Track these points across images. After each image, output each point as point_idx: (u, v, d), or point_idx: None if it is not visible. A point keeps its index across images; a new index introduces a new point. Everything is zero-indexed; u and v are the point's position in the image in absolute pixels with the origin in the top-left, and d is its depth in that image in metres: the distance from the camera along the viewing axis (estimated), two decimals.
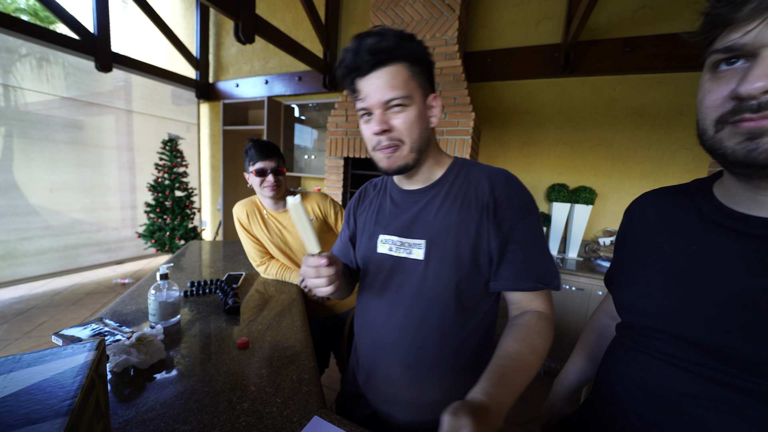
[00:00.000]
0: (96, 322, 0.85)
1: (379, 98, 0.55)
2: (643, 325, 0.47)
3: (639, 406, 0.45)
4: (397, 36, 0.56)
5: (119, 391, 0.61)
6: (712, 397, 0.38)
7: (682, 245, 0.45)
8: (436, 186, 0.65)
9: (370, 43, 0.55)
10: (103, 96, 3.58)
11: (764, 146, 0.33)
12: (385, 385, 0.68)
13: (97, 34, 3.00)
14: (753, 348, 0.36)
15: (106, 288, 3.18)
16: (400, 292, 0.64)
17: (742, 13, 0.33)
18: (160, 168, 3.42)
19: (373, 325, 0.69)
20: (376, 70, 0.55)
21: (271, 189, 1.20)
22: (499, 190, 0.60)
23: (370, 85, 0.56)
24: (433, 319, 0.62)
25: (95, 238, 3.64)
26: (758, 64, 0.32)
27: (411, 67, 0.57)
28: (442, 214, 0.62)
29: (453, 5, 2.24)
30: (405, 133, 0.57)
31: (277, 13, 3.49)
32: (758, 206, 0.39)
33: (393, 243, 0.66)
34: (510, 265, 0.59)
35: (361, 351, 0.74)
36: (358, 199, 0.81)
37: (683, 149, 2.17)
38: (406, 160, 0.59)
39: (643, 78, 2.21)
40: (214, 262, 1.60)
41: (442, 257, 0.60)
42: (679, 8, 2.07)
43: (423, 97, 0.59)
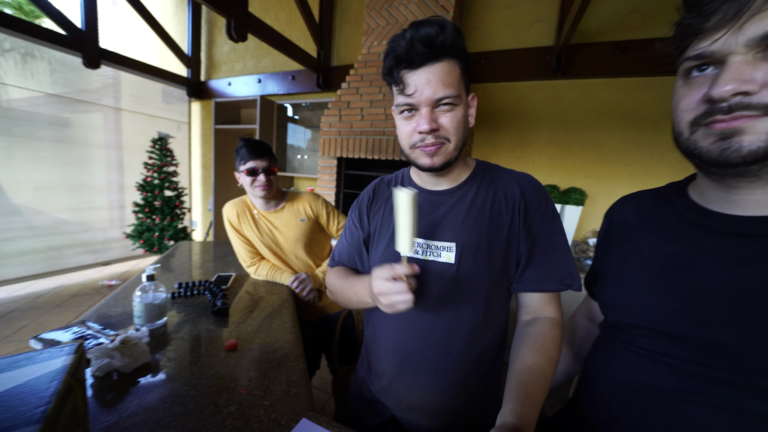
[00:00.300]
0: (78, 324, 0.83)
1: (430, 95, 0.52)
2: (627, 323, 0.48)
3: (623, 402, 0.46)
4: (455, 30, 0.52)
5: (101, 396, 0.59)
6: (692, 391, 0.39)
7: (662, 244, 0.46)
8: (462, 188, 0.63)
9: (428, 34, 0.50)
10: (91, 93, 3.50)
11: (736, 145, 0.35)
12: (409, 392, 0.65)
13: (84, 29, 2.93)
14: (731, 339, 0.37)
15: (91, 290, 3.10)
16: (427, 297, 0.61)
17: (709, 24, 0.35)
18: (150, 167, 3.36)
19: (396, 331, 0.65)
20: (430, 65, 0.52)
21: (262, 189, 1.19)
22: (529, 195, 0.61)
23: (421, 80, 0.52)
24: (462, 323, 0.60)
25: (81, 238, 3.55)
26: (727, 70, 0.35)
27: (461, 64, 0.54)
28: (473, 216, 0.61)
29: (447, 6, 2.25)
30: (452, 132, 0.55)
31: (270, 12, 3.47)
32: (730, 205, 0.41)
33: (418, 245, 0.63)
34: (535, 267, 0.59)
35: (381, 357, 0.69)
36: (372, 197, 0.75)
37: (670, 151, 2.20)
38: (449, 156, 0.57)
39: (633, 81, 2.25)
40: (204, 263, 1.57)
41: (475, 261, 0.59)
42: (668, 13, 2.11)
43: (466, 95, 0.57)
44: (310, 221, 1.29)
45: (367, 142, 2.47)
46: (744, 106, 0.34)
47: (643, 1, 2.16)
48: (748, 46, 0.33)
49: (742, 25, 0.33)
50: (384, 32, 2.50)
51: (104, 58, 3.15)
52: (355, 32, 3.07)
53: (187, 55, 3.99)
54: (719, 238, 0.41)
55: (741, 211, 0.40)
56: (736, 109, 0.34)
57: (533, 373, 0.52)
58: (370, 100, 2.48)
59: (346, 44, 3.16)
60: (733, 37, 0.34)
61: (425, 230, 0.63)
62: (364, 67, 2.56)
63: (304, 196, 1.31)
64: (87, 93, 3.46)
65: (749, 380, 0.36)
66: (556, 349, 0.56)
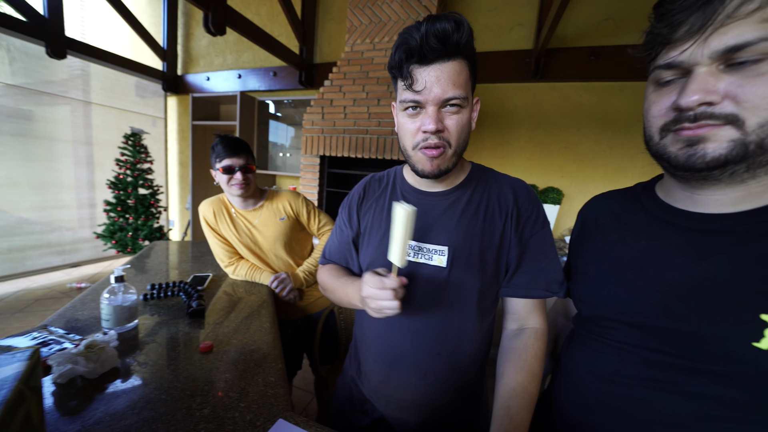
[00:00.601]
0: (39, 329, 0.78)
1: (438, 94, 0.50)
2: (599, 315, 0.50)
3: (594, 390, 0.48)
4: (470, 29, 0.50)
5: (63, 403, 0.56)
6: (658, 379, 0.42)
7: (631, 240, 0.48)
8: (457, 190, 0.63)
9: (444, 30, 0.48)
10: (56, 85, 3.30)
11: (701, 152, 0.37)
12: (399, 393, 0.65)
13: (48, 16, 2.75)
14: (693, 328, 0.39)
15: (58, 293, 2.93)
16: (418, 299, 0.61)
17: (677, 34, 0.37)
18: (122, 164, 3.21)
19: (386, 333, 0.65)
20: (442, 62, 0.50)
21: (239, 187, 1.15)
22: (522, 201, 0.61)
23: (431, 77, 0.50)
24: (453, 326, 0.61)
25: (46, 239, 3.34)
26: (693, 80, 0.37)
27: (470, 65, 0.53)
28: (466, 220, 0.60)
29: (429, 7, 2.27)
30: (454, 135, 0.54)
31: (251, 5, 3.38)
32: (694, 203, 0.43)
33: (410, 247, 0.62)
34: (524, 273, 0.60)
35: (371, 358, 0.69)
36: (362, 195, 0.73)
37: (641, 153, 2.32)
38: (448, 163, 0.56)
39: (607, 85, 2.35)
40: (181, 264, 1.52)
41: (467, 265, 0.59)
42: (639, 21, 2.21)
43: (471, 98, 0.56)
44: (290, 220, 1.26)
45: (350, 141, 2.46)
46: (708, 115, 0.36)
47: (617, 9, 2.26)
48: (711, 58, 0.35)
49: (707, 38, 0.35)
50: (367, 30, 2.49)
51: (71, 47, 2.97)
52: (338, 30, 3.04)
53: (162, 47, 3.83)
54: (684, 234, 0.43)
55: (703, 209, 0.42)
56: (701, 118, 0.36)
57: (517, 395, 0.54)
58: (353, 99, 2.47)
59: (329, 41, 3.12)
60: (699, 49, 0.36)
61: (418, 232, 0.62)
62: (348, 65, 2.55)
63: (283, 194, 1.29)
64: (52, 85, 3.26)
65: (708, 366, 0.38)
66: (539, 362, 0.58)
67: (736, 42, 0.33)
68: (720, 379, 0.37)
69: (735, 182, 0.39)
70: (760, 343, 0.34)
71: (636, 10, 2.21)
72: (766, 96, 0.33)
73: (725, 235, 0.40)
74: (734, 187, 0.39)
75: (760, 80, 0.33)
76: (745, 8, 0.33)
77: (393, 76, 0.56)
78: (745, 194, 0.39)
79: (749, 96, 0.34)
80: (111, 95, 3.74)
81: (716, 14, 0.34)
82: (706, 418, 0.38)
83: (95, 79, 3.59)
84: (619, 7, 2.24)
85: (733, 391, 0.37)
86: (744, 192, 0.39)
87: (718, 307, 0.38)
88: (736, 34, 0.33)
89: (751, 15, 0.33)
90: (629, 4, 2.22)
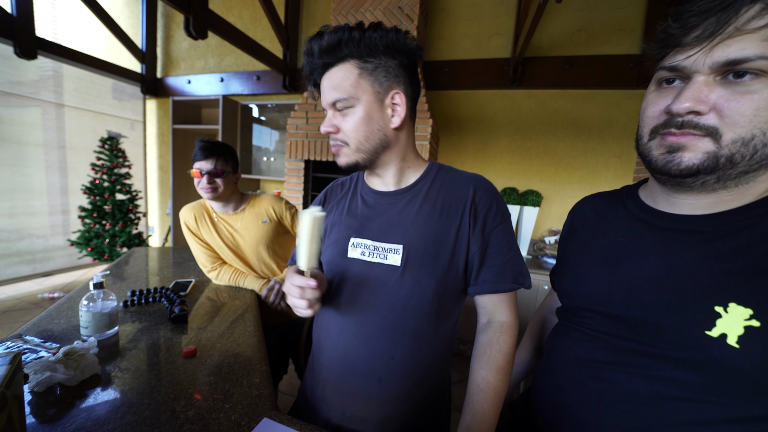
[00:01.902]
0: (13, 339, 0.76)
1: (326, 100, 0.57)
2: (578, 306, 0.54)
3: (568, 374, 0.52)
4: (343, 33, 0.53)
5: (42, 412, 0.56)
6: (625, 363, 0.46)
7: (611, 237, 0.53)
8: (412, 189, 0.63)
9: (316, 46, 0.55)
10: (25, 86, 3.16)
11: (678, 159, 0.41)
12: (353, 400, 0.62)
13: (16, 15, 2.65)
14: (656, 318, 0.43)
15: (29, 304, 2.79)
16: (372, 301, 0.60)
17: (688, 38, 0.38)
18: (98, 168, 3.10)
19: (340, 337, 0.63)
20: (327, 72, 0.56)
21: (205, 191, 1.16)
22: (480, 196, 0.60)
23: (322, 88, 0.57)
24: (408, 328, 0.59)
25: (15, 247, 3.18)
26: (690, 87, 0.38)
27: (362, 63, 0.54)
28: (422, 218, 0.60)
29: (411, 15, 2.33)
30: (350, 134, 0.57)
31: (233, 9, 3.36)
32: (671, 205, 0.47)
33: (366, 247, 0.62)
34: (490, 268, 0.60)
35: (324, 365, 0.66)
36: (324, 199, 0.76)
37: (613, 157, 2.45)
38: (350, 158, 0.59)
39: (580, 93, 2.47)
40: (162, 270, 1.49)
41: (422, 263, 0.58)
42: (608, 34, 2.35)
43: (377, 95, 0.56)
44: (273, 223, 1.27)
45: None
46: (692, 125, 0.38)
47: (587, 22, 2.39)
48: (711, 68, 0.37)
49: (713, 47, 0.36)
50: None
51: (41, 48, 2.86)
52: None
53: (141, 49, 3.74)
54: (657, 232, 0.47)
55: (678, 211, 0.46)
56: (686, 126, 0.39)
57: (481, 390, 0.56)
58: None
59: None
60: (703, 57, 0.37)
61: (374, 232, 0.62)
62: None
63: (265, 198, 1.30)
64: (21, 86, 3.12)
65: (667, 352, 0.42)
66: (504, 356, 0.58)
67: (736, 56, 0.35)
68: (677, 364, 0.42)
69: (706, 190, 0.42)
70: (711, 331, 0.38)
71: (605, 23, 2.34)
72: (745, 114, 0.35)
73: (693, 234, 0.44)
74: (706, 194, 0.42)
75: (745, 98, 0.35)
76: (754, 23, 0.34)
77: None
78: (716, 201, 0.42)
79: (731, 111, 0.36)
80: (86, 97, 3.61)
81: (728, 23, 0.34)
82: (663, 398, 0.42)
83: (68, 81, 3.46)
84: (590, 19, 2.38)
85: (688, 374, 0.41)
86: (715, 199, 0.42)
87: (678, 299, 0.42)
88: (739, 48, 0.35)
89: (756, 31, 0.34)
90: (599, 17, 2.36)
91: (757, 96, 0.35)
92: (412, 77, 0.59)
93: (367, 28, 0.54)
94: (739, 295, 0.38)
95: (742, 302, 0.37)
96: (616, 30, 2.33)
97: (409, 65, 0.58)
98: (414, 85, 0.60)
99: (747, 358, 0.37)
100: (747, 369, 0.37)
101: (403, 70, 0.58)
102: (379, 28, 0.54)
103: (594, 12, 2.37)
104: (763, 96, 0.35)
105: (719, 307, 0.38)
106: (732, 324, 0.37)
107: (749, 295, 0.37)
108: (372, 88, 0.56)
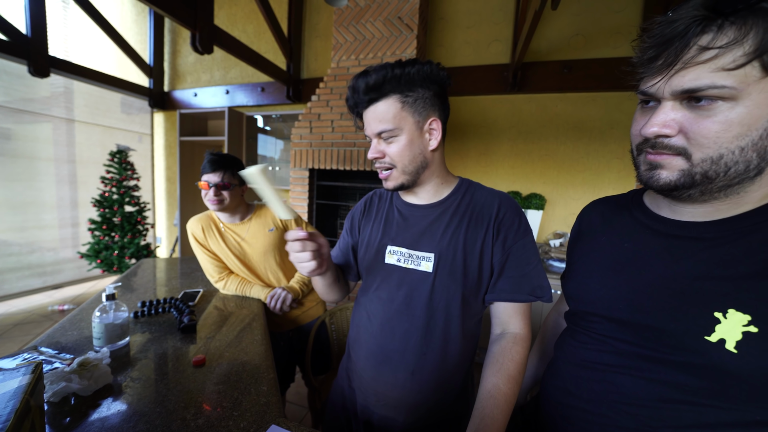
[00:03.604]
0: (29, 351, 0.78)
1: (371, 130, 0.63)
2: (584, 310, 0.55)
3: (574, 376, 0.53)
4: (386, 71, 0.60)
5: (57, 421, 0.57)
6: (628, 366, 0.47)
7: (617, 242, 0.54)
8: (444, 203, 0.70)
9: (362, 84, 0.61)
10: (37, 103, 3.26)
11: (657, 176, 0.43)
12: (388, 389, 0.69)
13: (30, 36, 2.75)
14: (657, 322, 0.44)
15: (40, 317, 2.83)
16: (408, 302, 0.67)
17: (652, 67, 0.41)
18: (108, 181, 3.17)
19: (378, 333, 0.70)
20: (371, 106, 0.62)
21: (212, 203, 1.19)
22: (504, 212, 0.66)
23: (367, 119, 0.64)
24: (438, 327, 0.66)
25: (26, 260, 3.24)
26: (658, 112, 0.41)
27: (403, 98, 0.61)
28: (451, 230, 0.67)
29: (411, 25, 2.38)
30: (396, 159, 0.64)
31: (238, 23, 3.45)
32: (673, 212, 0.48)
33: (401, 254, 0.69)
34: (508, 279, 0.64)
35: (362, 356, 0.73)
36: (364, 208, 0.82)
37: (615, 159, 2.45)
38: (398, 180, 0.66)
39: (580, 96, 2.48)
40: (170, 280, 1.51)
41: (451, 270, 0.65)
42: (606, 37, 2.37)
43: (417, 123, 0.63)
44: (279, 230, 1.29)
45: (339, 154, 2.51)
46: (664, 145, 0.41)
47: (585, 26, 2.41)
48: (672, 95, 0.39)
49: (671, 76, 0.39)
50: (353, 47, 2.58)
51: (54, 66, 2.96)
52: (324, 46, 3.13)
53: (148, 64, 3.85)
54: (660, 238, 0.48)
55: (680, 218, 0.47)
56: (658, 147, 0.42)
57: (492, 396, 0.58)
58: (341, 113, 2.53)
59: (316, 57, 3.21)
60: (663, 85, 0.40)
61: (408, 241, 0.69)
62: (334, 81, 2.62)
63: None
64: (33, 103, 3.23)
65: (668, 356, 0.43)
66: (516, 365, 0.61)
67: (690, 86, 0.38)
68: (678, 368, 0.42)
69: (698, 201, 0.43)
70: (710, 336, 0.39)
71: (603, 27, 2.37)
72: (708, 136, 0.38)
73: (695, 241, 0.44)
74: (701, 204, 0.44)
75: (706, 120, 0.37)
76: (705, 54, 0.36)
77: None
78: (714, 209, 0.43)
79: (695, 134, 0.38)
80: (95, 112, 3.72)
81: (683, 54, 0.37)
82: (665, 401, 0.43)
83: (79, 97, 3.56)
84: (588, 23, 2.40)
85: (689, 378, 0.41)
86: (712, 207, 0.43)
87: (679, 304, 0.43)
88: (692, 78, 0.37)
89: (707, 62, 0.36)
90: (597, 21, 2.38)
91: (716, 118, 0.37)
92: (444, 102, 0.66)
93: (405, 64, 0.60)
94: (738, 301, 0.38)
95: (741, 308, 0.38)
96: (614, 33, 2.35)
97: (441, 93, 0.65)
98: (446, 109, 0.67)
99: (745, 363, 0.37)
100: (745, 374, 0.37)
101: (437, 99, 0.64)
102: (416, 63, 0.61)
103: (591, 16, 2.39)
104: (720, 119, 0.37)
105: (719, 313, 0.39)
106: (730, 330, 0.38)
107: (748, 301, 0.38)
108: (413, 118, 0.62)
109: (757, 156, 0.37)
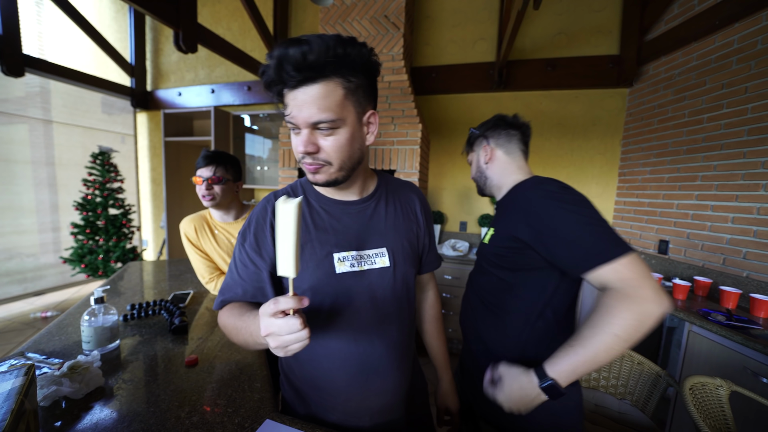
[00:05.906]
0: (16, 357, 0.77)
1: (305, 118, 0.50)
2: None
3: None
4: (330, 46, 0.47)
5: (49, 424, 0.57)
6: None
7: None
8: (374, 195, 0.68)
9: (295, 56, 0.46)
10: (11, 103, 3.14)
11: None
12: (380, 400, 0.65)
13: (2, 33, 2.64)
14: None
15: (21, 324, 2.75)
16: (375, 303, 0.63)
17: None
18: (90, 184, 3.08)
19: (356, 351, 0.62)
20: (304, 86, 0.49)
21: (204, 198, 1.20)
22: (422, 201, 0.77)
23: (297, 102, 0.50)
24: (405, 311, 0.69)
25: (5, 267, 3.13)
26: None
27: (346, 83, 0.50)
28: (391, 220, 0.68)
29: (398, 23, 2.39)
30: (333, 155, 0.54)
31: (222, 21, 3.39)
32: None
33: (352, 258, 0.62)
34: (431, 253, 0.80)
35: (344, 385, 0.63)
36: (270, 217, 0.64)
37: (598, 154, 2.52)
38: (332, 177, 0.56)
39: (564, 93, 2.55)
40: (158, 283, 1.50)
41: (404, 258, 0.68)
42: (587, 36, 2.44)
43: (358, 115, 0.54)
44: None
45: None
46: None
47: (567, 25, 2.47)
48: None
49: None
50: None
51: (29, 65, 2.85)
52: None
53: (130, 63, 3.74)
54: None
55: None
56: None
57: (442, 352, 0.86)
58: None
59: None
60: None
61: (355, 242, 0.63)
62: None
63: None
64: (6, 103, 3.11)
65: None
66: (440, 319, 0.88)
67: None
68: None
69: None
70: None
71: (584, 26, 2.43)
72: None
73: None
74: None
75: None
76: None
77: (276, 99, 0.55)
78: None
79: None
80: (75, 113, 3.60)
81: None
82: None
83: (56, 97, 3.44)
84: (570, 22, 2.46)
85: None
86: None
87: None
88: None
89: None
90: (578, 20, 2.44)
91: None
92: (375, 94, 0.59)
93: (346, 43, 0.49)
94: None
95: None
96: (595, 32, 2.42)
97: (374, 83, 0.57)
98: (375, 101, 0.59)
99: None
100: None
101: (372, 89, 0.56)
102: (356, 45, 0.50)
103: (573, 15, 2.45)
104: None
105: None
106: None
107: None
108: (355, 109, 0.54)
109: None
